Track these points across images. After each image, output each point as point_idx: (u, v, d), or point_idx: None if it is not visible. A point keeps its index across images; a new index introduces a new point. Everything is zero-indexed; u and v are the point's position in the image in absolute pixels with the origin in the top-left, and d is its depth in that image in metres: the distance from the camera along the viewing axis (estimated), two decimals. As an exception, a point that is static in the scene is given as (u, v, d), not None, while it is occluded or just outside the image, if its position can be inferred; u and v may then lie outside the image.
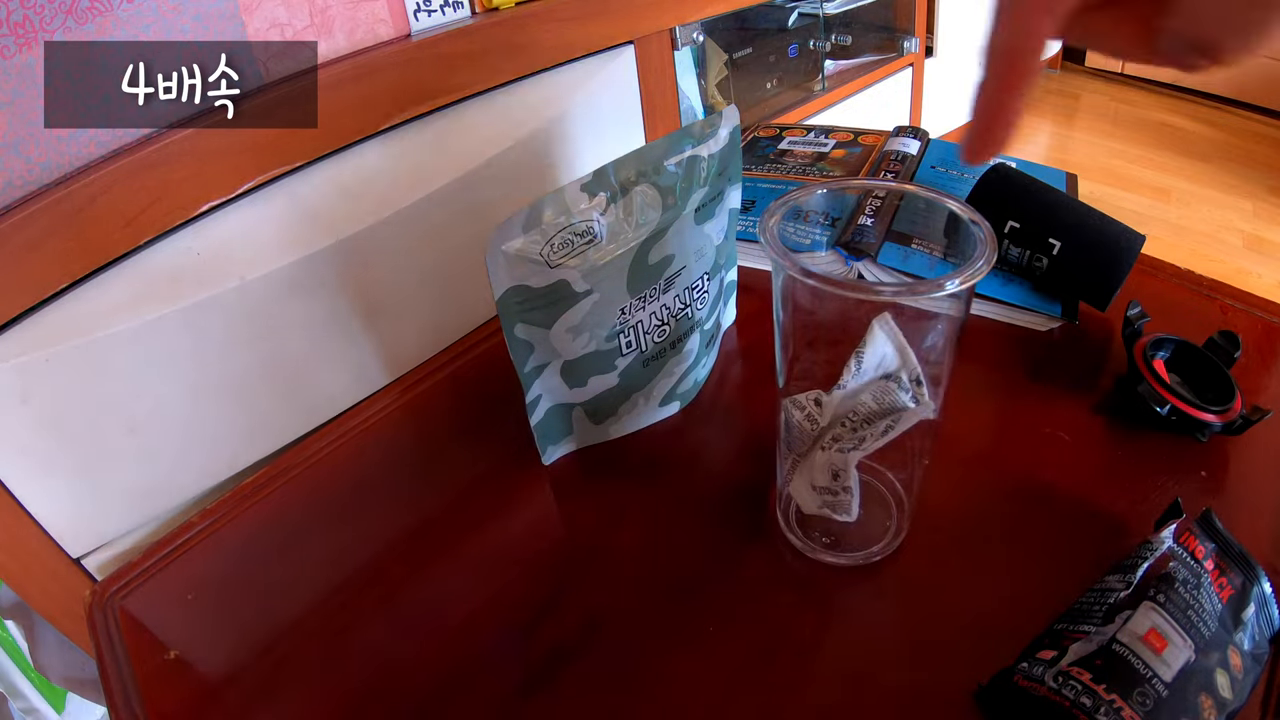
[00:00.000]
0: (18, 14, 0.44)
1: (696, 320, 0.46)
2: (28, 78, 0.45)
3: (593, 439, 0.47)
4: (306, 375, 0.58)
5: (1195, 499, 0.40)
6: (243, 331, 0.54)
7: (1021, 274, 0.53)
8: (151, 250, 0.51)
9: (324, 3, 0.57)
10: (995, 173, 0.53)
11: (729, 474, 0.45)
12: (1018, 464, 0.43)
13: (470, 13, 0.67)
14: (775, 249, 0.30)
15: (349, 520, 0.45)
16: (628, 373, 0.44)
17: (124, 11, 0.48)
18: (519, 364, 0.41)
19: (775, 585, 0.38)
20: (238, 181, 0.53)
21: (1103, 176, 1.91)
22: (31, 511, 0.49)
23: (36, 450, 0.48)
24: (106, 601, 0.42)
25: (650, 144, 0.40)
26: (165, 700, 0.37)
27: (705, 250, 0.44)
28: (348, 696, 0.36)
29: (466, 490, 0.45)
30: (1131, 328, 0.47)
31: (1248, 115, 2.10)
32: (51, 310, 0.48)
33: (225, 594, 0.42)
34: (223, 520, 0.46)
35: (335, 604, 0.40)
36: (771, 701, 0.33)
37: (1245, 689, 0.29)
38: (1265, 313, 0.52)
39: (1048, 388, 0.48)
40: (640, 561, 0.40)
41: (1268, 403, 0.43)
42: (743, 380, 0.52)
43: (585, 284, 0.39)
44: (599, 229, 0.39)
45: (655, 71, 0.81)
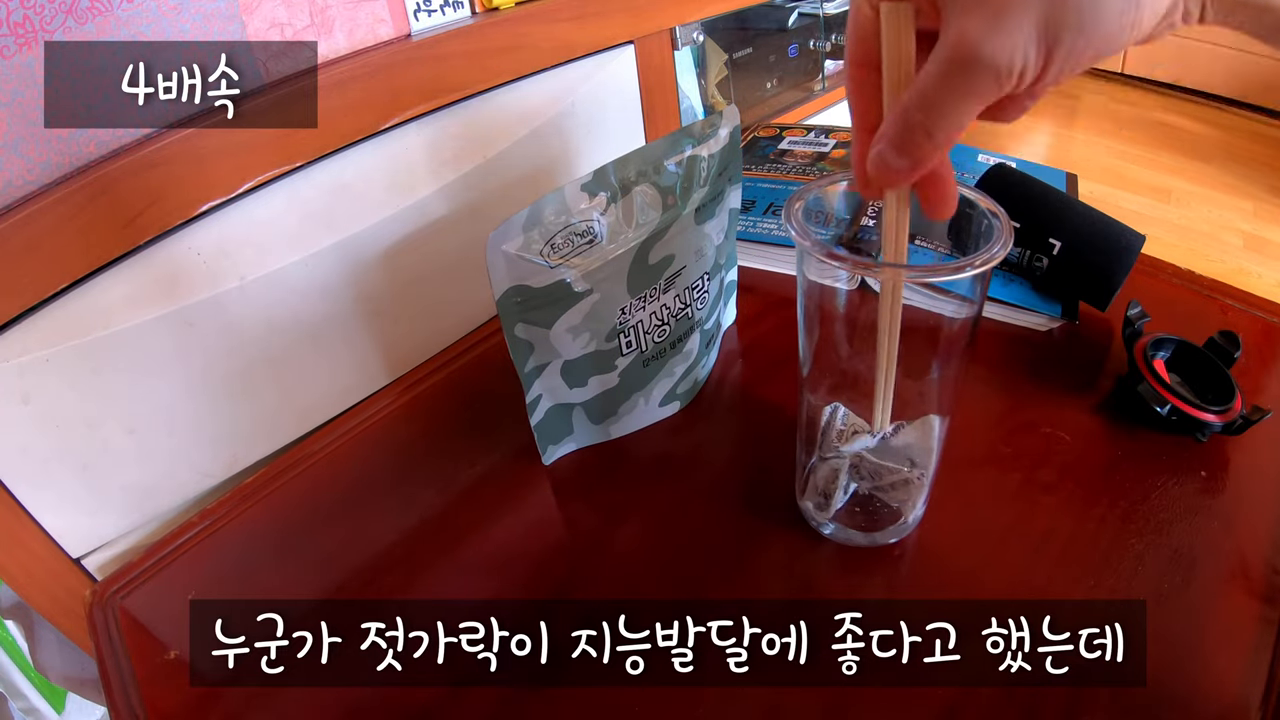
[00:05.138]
0: (18, 14, 0.44)
1: (696, 320, 0.46)
2: (28, 78, 0.45)
3: (593, 439, 0.47)
4: (306, 375, 0.58)
5: (1195, 499, 0.40)
6: (243, 331, 0.54)
7: (1021, 274, 0.53)
8: (151, 250, 0.51)
9: (324, 3, 0.57)
10: (995, 173, 0.53)
11: (729, 474, 0.45)
12: (1018, 464, 0.43)
13: (470, 13, 0.67)
14: (799, 230, 0.30)
15: (349, 520, 0.45)
16: (628, 373, 0.44)
17: (124, 11, 0.48)
18: (519, 364, 0.41)
19: (775, 584, 0.38)
20: (238, 181, 0.53)
21: (1103, 176, 1.91)
22: (31, 511, 0.49)
23: (36, 450, 0.48)
24: (106, 601, 0.42)
25: (650, 144, 0.40)
26: (165, 700, 0.37)
27: (705, 250, 0.44)
28: (348, 696, 0.36)
29: (467, 490, 0.45)
30: (1132, 328, 0.47)
31: (1248, 115, 2.10)
32: (51, 310, 0.48)
33: (225, 594, 0.42)
34: (223, 520, 0.46)
35: (335, 604, 0.40)
36: (772, 702, 0.33)
37: None
38: (1265, 313, 0.52)
39: (1048, 388, 0.47)
40: (640, 561, 0.40)
41: (1268, 403, 0.43)
42: (743, 380, 0.52)
43: (585, 284, 0.39)
44: (599, 229, 0.39)
45: (655, 71, 0.81)
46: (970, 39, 0.21)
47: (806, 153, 0.67)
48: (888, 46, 0.25)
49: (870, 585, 0.38)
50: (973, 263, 0.28)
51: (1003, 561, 0.38)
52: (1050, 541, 0.39)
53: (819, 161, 0.65)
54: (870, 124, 0.26)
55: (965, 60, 0.22)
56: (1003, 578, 0.37)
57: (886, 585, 0.38)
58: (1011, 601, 0.35)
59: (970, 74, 0.22)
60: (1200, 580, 0.37)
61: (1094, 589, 0.36)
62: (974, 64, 0.22)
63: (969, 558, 0.38)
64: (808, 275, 0.33)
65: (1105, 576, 0.37)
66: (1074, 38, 0.21)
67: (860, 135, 0.27)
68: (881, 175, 0.25)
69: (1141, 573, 0.37)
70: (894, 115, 0.24)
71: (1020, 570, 0.38)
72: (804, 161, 0.65)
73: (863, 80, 0.26)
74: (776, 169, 0.65)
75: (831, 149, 0.66)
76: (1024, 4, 0.21)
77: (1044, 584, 0.37)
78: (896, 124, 0.24)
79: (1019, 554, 0.38)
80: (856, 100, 0.27)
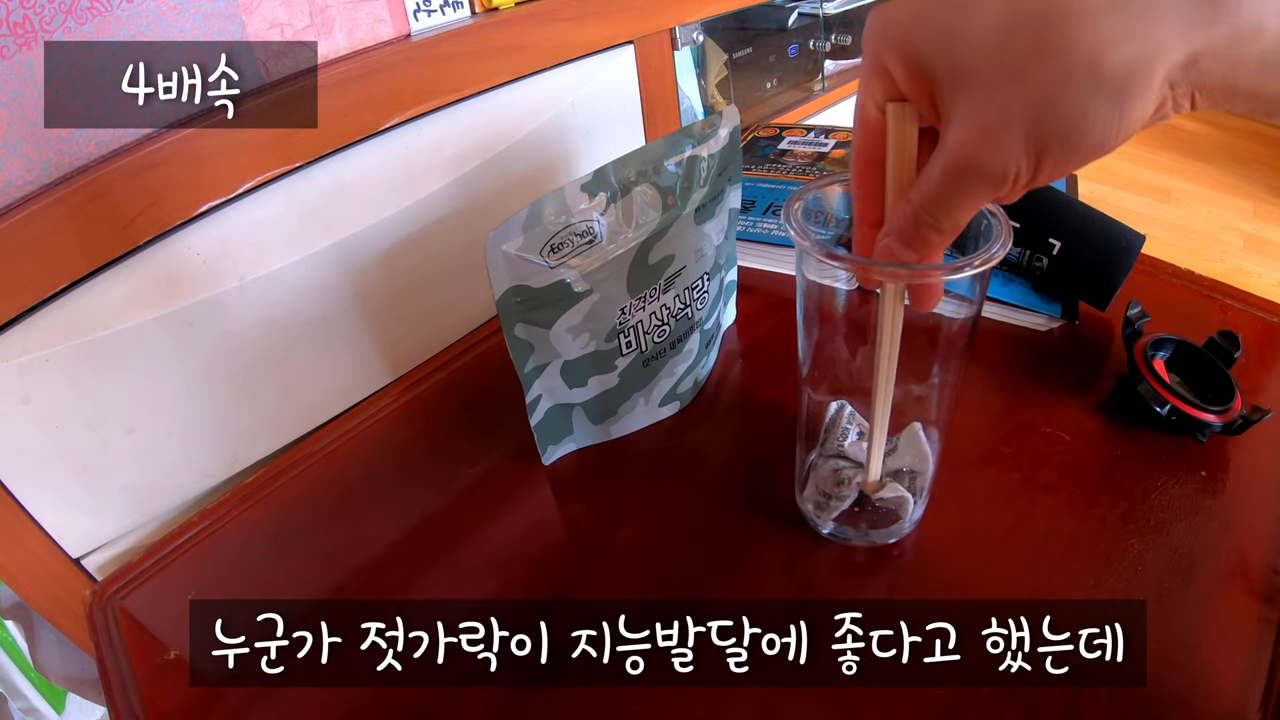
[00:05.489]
0: (17, 14, 0.44)
1: (696, 320, 0.46)
2: (28, 78, 0.45)
3: (593, 439, 0.47)
4: (306, 375, 0.58)
5: (1195, 499, 0.40)
6: (243, 331, 0.54)
7: (1021, 274, 0.53)
8: (151, 250, 0.51)
9: (324, 3, 0.57)
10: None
11: (729, 474, 0.45)
12: (1018, 464, 0.43)
13: (470, 13, 0.67)
14: (799, 230, 0.31)
15: (349, 520, 0.45)
16: (628, 373, 0.44)
17: (124, 11, 0.48)
18: (519, 364, 0.41)
19: (775, 584, 0.38)
20: (238, 181, 0.53)
21: (1103, 176, 1.91)
22: (31, 511, 0.49)
23: (36, 450, 0.48)
24: (106, 601, 0.42)
25: (650, 144, 0.40)
26: (165, 700, 0.37)
27: (705, 250, 0.44)
28: (348, 696, 0.36)
29: (466, 490, 0.45)
30: (1131, 328, 0.47)
31: (1248, 115, 2.10)
32: (51, 310, 0.48)
33: (225, 594, 0.42)
34: (223, 520, 0.46)
35: (335, 604, 0.40)
36: (772, 702, 0.33)
37: None
38: (1265, 313, 0.52)
39: (1048, 388, 0.48)
40: (640, 561, 0.40)
41: (1268, 403, 0.43)
42: (743, 380, 0.52)
43: (585, 284, 0.39)
44: (599, 229, 0.39)
45: (655, 71, 0.81)
46: (968, 151, 0.23)
47: (806, 153, 0.67)
48: (893, 143, 0.27)
49: (870, 585, 0.38)
50: (972, 262, 0.28)
51: (1003, 561, 0.38)
52: (1050, 541, 0.39)
53: (819, 161, 0.65)
54: (872, 218, 0.29)
55: (964, 168, 0.24)
56: (1003, 578, 0.37)
57: (886, 585, 0.38)
58: (1011, 601, 0.35)
59: (968, 180, 0.24)
60: (1200, 580, 0.37)
61: (1094, 589, 0.36)
62: (971, 171, 0.24)
63: (969, 558, 0.38)
64: (807, 275, 0.33)
65: (1105, 576, 0.37)
66: (1060, 148, 0.22)
67: (862, 229, 0.29)
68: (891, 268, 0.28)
69: (1141, 573, 0.37)
70: (903, 212, 0.26)
71: (1020, 570, 0.38)
72: (804, 161, 0.66)
73: (866, 177, 0.28)
74: (776, 169, 0.65)
75: (831, 149, 0.66)
76: (1011, 121, 0.22)
77: (1044, 584, 0.37)
78: (906, 220, 0.26)
79: (1019, 554, 0.38)
80: (860, 196, 0.29)
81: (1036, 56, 0.21)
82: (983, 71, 0.22)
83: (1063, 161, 0.23)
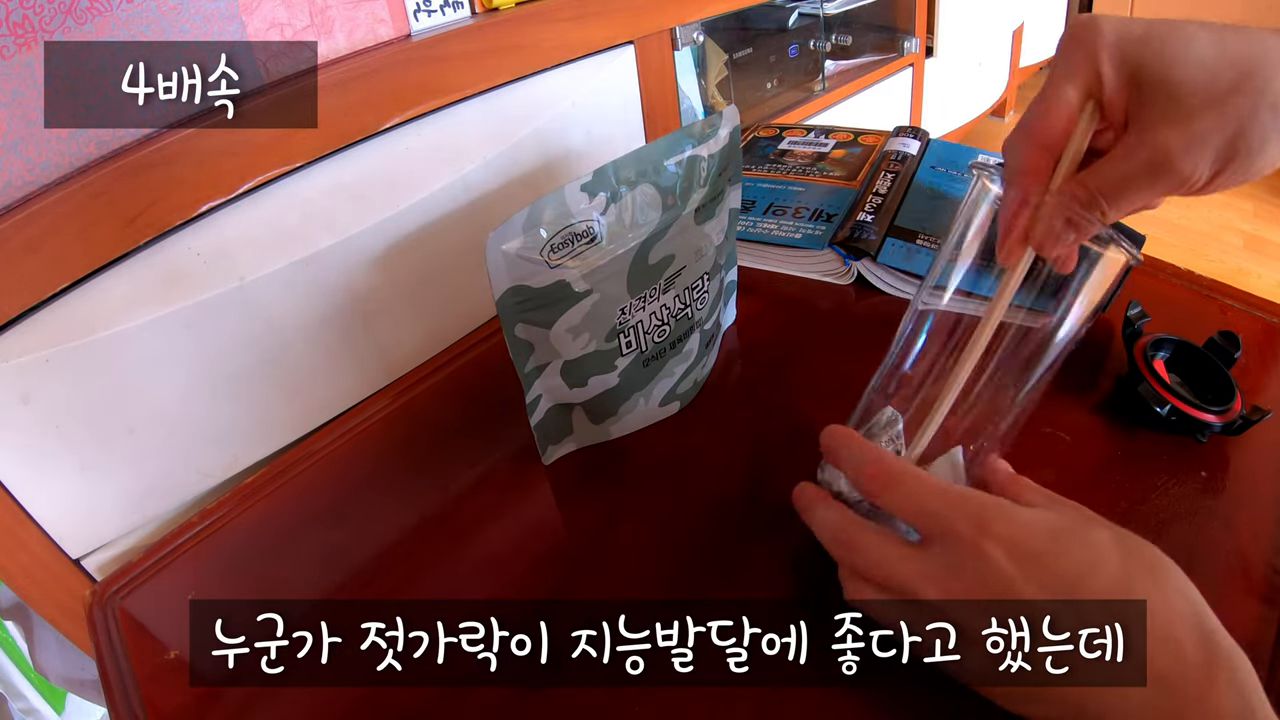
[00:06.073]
0: (17, 14, 0.44)
1: (696, 320, 0.46)
2: (28, 78, 0.45)
3: (593, 439, 0.47)
4: (306, 375, 0.58)
5: (1195, 499, 0.40)
6: (243, 331, 0.54)
7: (1021, 274, 0.53)
8: (151, 250, 0.51)
9: (324, 3, 0.57)
10: (995, 173, 0.53)
11: (729, 474, 0.45)
12: (1018, 464, 0.43)
13: (470, 13, 0.67)
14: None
15: (349, 520, 0.45)
16: (628, 373, 0.44)
17: (124, 11, 0.48)
18: (519, 364, 0.41)
19: (775, 584, 0.38)
20: (238, 181, 0.53)
21: (1103, 176, 1.90)
22: (31, 512, 0.49)
23: (36, 450, 0.48)
24: (106, 601, 0.42)
25: (650, 144, 0.40)
26: (165, 700, 0.37)
27: (705, 250, 0.44)
28: (348, 696, 0.36)
29: (466, 490, 0.45)
30: (1131, 328, 0.47)
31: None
32: (51, 310, 0.48)
33: (225, 594, 0.42)
34: (223, 520, 0.46)
35: (335, 604, 0.40)
36: (772, 702, 0.33)
37: None
38: (1265, 313, 0.52)
39: (1048, 388, 0.47)
40: (640, 561, 0.40)
41: (1268, 403, 0.43)
42: (743, 380, 0.52)
43: (585, 284, 0.39)
44: (599, 229, 0.39)
45: (655, 71, 0.81)
46: (1170, 151, 0.28)
47: (806, 153, 0.67)
48: (1079, 134, 0.31)
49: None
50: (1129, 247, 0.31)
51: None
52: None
53: (819, 162, 0.65)
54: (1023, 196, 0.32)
55: (1161, 164, 0.28)
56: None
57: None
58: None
59: (1162, 175, 0.29)
60: (1200, 580, 0.36)
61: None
62: (1167, 168, 0.28)
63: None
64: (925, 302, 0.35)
65: (1105, 576, 0.37)
66: (1240, 164, 0.28)
67: (1017, 209, 0.32)
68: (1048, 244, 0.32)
69: (1141, 573, 0.37)
70: (1077, 194, 0.30)
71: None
72: (804, 161, 0.66)
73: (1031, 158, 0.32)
74: (776, 169, 0.65)
75: (831, 149, 0.66)
76: (1209, 136, 0.27)
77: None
78: (1081, 202, 0.30)
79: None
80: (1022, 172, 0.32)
81: (1235, 92, 0.27)
82: (1194, 95, 0.27)
83: (1236, 175, 0.28)
